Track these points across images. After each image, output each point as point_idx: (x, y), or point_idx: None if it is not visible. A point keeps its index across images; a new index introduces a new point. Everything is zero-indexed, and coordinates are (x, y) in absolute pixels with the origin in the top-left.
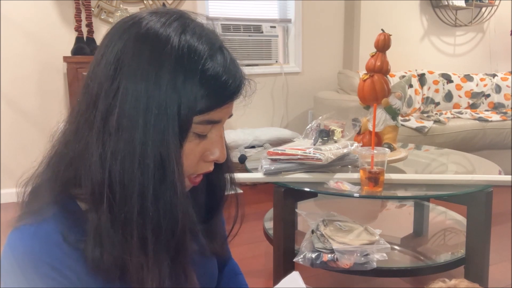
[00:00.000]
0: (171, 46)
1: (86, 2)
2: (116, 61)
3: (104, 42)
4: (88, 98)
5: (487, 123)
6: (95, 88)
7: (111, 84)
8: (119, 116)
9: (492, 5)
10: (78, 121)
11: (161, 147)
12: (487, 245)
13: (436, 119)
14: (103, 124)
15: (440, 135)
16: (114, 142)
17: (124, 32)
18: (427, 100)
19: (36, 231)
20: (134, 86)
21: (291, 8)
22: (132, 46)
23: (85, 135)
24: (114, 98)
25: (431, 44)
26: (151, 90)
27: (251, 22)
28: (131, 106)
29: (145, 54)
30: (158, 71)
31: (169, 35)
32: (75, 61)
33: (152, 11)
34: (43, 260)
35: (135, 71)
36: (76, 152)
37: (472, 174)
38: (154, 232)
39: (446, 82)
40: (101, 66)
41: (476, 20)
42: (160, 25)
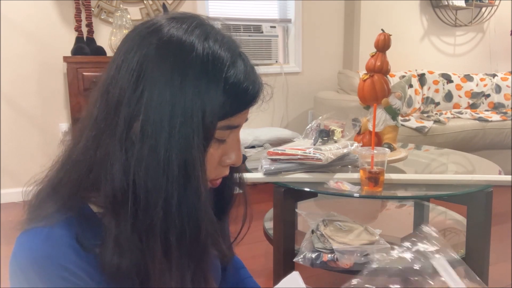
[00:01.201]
0: (195, 54)
1: (86, 2)
2: (139, 67)
3: (123, 48)
4: (108, 104)
5: (487, 123)
6: (116, 95)
7: (134, 91)
8: (143, 123)
9: (492, 5)
10: (98, 127)
11: (186, 154)
12: (487, 245)
13: (436, 119)
14: (127, 131)
15: (440, 135)
16: (139, 149)
17: (144, 39)
18: (427, 100)
19: (49, 234)
20: (159, 93)
21: (291, 8)
22: (155, 53)
23: (106, 142)
24: (137, 104)
25: (431, 44)
26: (176, 97)
27: (251, 22)
28: (156, 112)
29: (169, 61)
30: (182, 78)
31: (193, 42)
32: (75, 61)
33: (170, 17)
34: (57, 262)
35: (159, 77)
36: (97, 159)
37: (472, 174)
38: (178, 238)
39: (446, 82)
40: (122, 73)
41: (476, 20)
42: (183, 32)
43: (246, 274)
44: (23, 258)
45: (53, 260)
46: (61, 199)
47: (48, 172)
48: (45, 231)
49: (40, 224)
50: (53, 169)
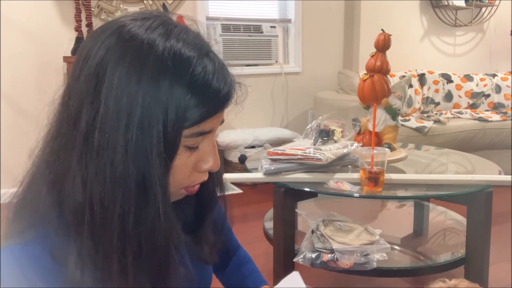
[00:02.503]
0: (154, 54)
1: (86, 2)
2: (96, 75)
3: (82, 55)
4: (68, 116)
5: (487, 123)
6: (75, 106)
7: (92, 101)
8: (100, 135)
9: (492, 5)
10: (59, 141)
11: (144, 168)
12: (487, 245)
13: (436, 119)
14: (85, 145)
15: (440, 135)
16: (96, 164)
17: (103, 42)
18: (427, 100)
19: (23, 251)
20: (115, 102)
21: (291, 8)
22: (113, 57)
23: (67, 156)
24: (95, 116)
25: (431, 44)
26: (132, 104)
27: (251, 22)
28: (112, 125)
29: (126, 64)
30: (139, 83)
31: (153, 41)
32: None
33: (134, 16)
34: (32, 282)
35: (116, 83)
36: (58, 173)
37: (472, 174)
38: (135, 257)
39: (446, 82)
40: (80, 81)
41: (476, 20)
42: (144, 31)
43: (250, 269)
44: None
45: (28, 279)
46: (34, 215)
47: (19, 187)
48: (19, 248)
49: (14, 241)
50: (23, 184)
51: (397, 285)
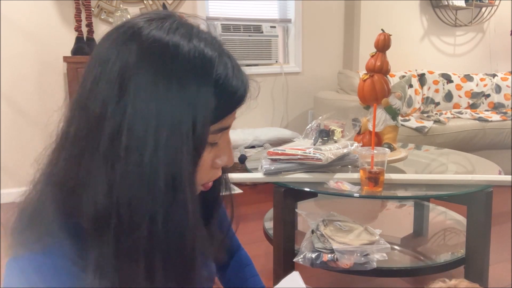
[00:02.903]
0: (181, 56)
1: (86, 2)
2: (120, 78)
3: (99, 58)
4: (89, 120)
5: (487, 123)
6: (97, 110)
7: (117, 104)
8: (128, 138)
9: (492, 5)
10: (78, 146)
11: (174, 168)
12: (487, 245)
13: (436, 119)
14: (111, 147)
15: (440, 135)
16: (123, 166)
17: (123, 45)
18: (427, 100)
19: (42, 261)
20: (143, 104)
21: (291, 8)
22: (137, 60)
23: (88, 161)
24: (121, 119)
25: (431, 44)
26: (162, 106)
27: (251, 22)
28: (141, 126)
29: (153, 67)
30: (168, 85)
31: (177, 43)
32: (75, 61)
33: (147, 18)
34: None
35: (143, 86)
36: (79, 179)
37: (472, 174)
38: (163, 259)
39: (446, 82)
40: (102, 85)
41: (476, 20)
42: (165, 33)
43: (251, 272)
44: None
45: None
46: (49, 221)
47: (28, 195)
48: (38, 258)
49: (31, 249)
50: (35, 191)
51: (397, 285)
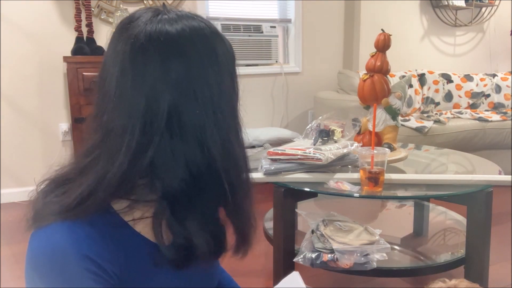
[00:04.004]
0: (224, 51)
1: (86, 2)
2: (186, 70)
3: (168, 55)
4: (158, 108)
5: (487, 123)
6: (153, 94)
7: (179, 90)
8: (188, 118)
9: (492, 5)
10: (161, 131)
11: (234, 135)
12: (487, 245)
13: (436, 119)
14: (169, 127)
15: (440, 135)
16: (190, 140)
17: (190, 45)
18: (427, 100)
19: (70, 226)
20: (207, 90)
21: (291, 8)
22: (197, 56)
23: (174, 141)
24: (185, 102)
25: (431, 44)
26: (220, 91)
27: (251, 22)
28: (205, 106)
29: (209, 60)
30: (219, 74)
31: (223, 39)
32: (75, 61)
33: (189, 13)
34: (80, 253)
35: (204, 76)
36: (161, 157)
37: (472, 174)
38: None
39: (446, 82)
40: (155, 72)
41: (476, 20)
42: (213, 34)
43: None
44: (43, 252)
45: (76, 250)
46: (90, 203)
47: (64, 170)
48: (66, 224)
49: (59, 219)
50: (74, 170)
51: (397, 285)
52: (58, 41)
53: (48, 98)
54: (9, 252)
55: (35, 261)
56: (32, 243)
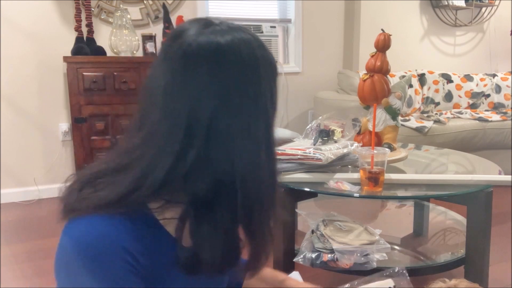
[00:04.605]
0: (270, 63)
1: (86, 2)
2: (245, 79)
3: (216, 65)
4: (201, 115)
5: (487, 123)
6: (199, 100)
7: (229, 97)
8: (234, 122)
9: (492, 5)
10: (212, 136)
11: (270, 140)
12: (487, 245)
13: (436, 119)
14: (211, 131)
15: (440, 135)
16: (238, 145)
17: (236, 57)
18: (427, 100)
19: (112, 220)
20: (260, 97)
21: (291, 8)
22: (243, 68)
23: (214, 147)
24: (237, 108)
25: (431, 44)
26: (266, 99)
27: (251, 22)
28: (255, 113)
29: (260, 72)
30: (269, 83)
31: (269, 54)
32: (75, 61)
33: (249, 36)
34: (119, 244)
35: (253, 86)
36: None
37: (472, 174)
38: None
39: (446, 82)
40: (205, 80)
41: (476, 20)
42: (260, 49)
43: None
44: (84, 241)
45: (115, 241)
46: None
47: (101, 166)
48: (107, 217)
49: (98, 211)
50: (113, 162)
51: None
52: (58, 41)
53: (48, 98)
54: (9, 252)
55: (75, 249)
56: (70, 232)
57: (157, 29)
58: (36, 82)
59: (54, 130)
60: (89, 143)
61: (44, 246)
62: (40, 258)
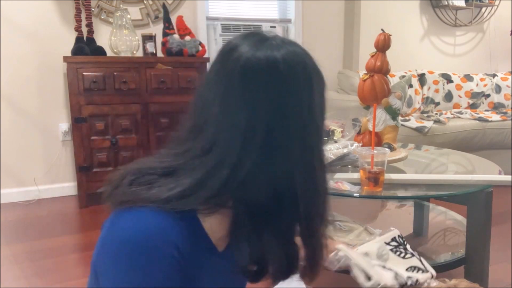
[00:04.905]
0: (320, 75)
1: (86, 2)
2: (285, 100)
3: (272, 78)
4: (257, 127)
5: (487, 123)
6: (258, 115)
7: (284, 110)
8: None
9: (492, 5)
10: (272, 150)
11: (320, 151)
12: (487, 245)
13: (436, 119)
14: (268, 141)
15: (440, 135)
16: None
17: (291, 71)
18: (427, 100)
19: (163, 214)
20: (312, 110)
21: (291, 8)
22: (297, 81)
23: (276, 161)
24: (290, 121)
25: (431, 44)
26: (315, 113)
27: (251, 22)
28: (314, 130)
29: (310, 86)
30: (319, 96)
31: (319, 70)
32: (75, 61)
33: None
34: (170, 239)
35: (305, 99)
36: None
37: (472, 174)
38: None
39: (446, 82)
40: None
41: (476, 20)
42: (312, 64)
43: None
44: (134, 232)
45: (166, 235)
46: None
47: (153, 164)
48: (158, 211)
49: (152, 204)
50: (166, 163)
51: None
52: (58, 41)
53: (48, 98)
54: (9, 252)
55: (124, 239)
56: (120, 224)
57: (157, 29)
58: (36, 82)
59: (54, 130)
60: (89, 143)
61: (44, 246)
62: (40, 258)
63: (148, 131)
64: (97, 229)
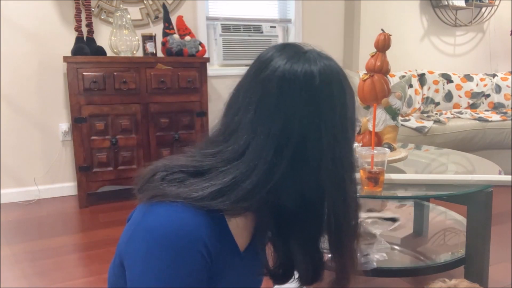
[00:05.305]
0: (351, 91)
1: (86, 2)
2: (319, 112)
3: (307, 90)
4: (290, 136)
5: (487, 123)
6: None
7: (318, 119)
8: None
9: (492, 5)
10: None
11: (352, 161)
12: (487, 245)
13: (436, 119)
14: (301, 151)
15: (440, 135)
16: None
17: (326, 85)
18: (427, 100)
19: (194, 211)
20: (346, 120)
21: (291, 8)
22: (331, 96)
23: (308, 170)
24: (328, 130)
25: (431, 44)
26: (348, 124)
27: (251, 22)
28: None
29: (341, 101)
30: (350, 110)
31: (349, 84)
32: (75, 61)
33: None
34: (201, 238)
35: (339, 111)
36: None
37: (472, 174)
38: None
39: (446, 82)
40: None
41: (476, 20)
42: (345, 75)
43: None
44: (166, 226)
45: (197, 232)
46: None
47: (185, 162)
48: (191, 208)
49: (185, 201)
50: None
51: (397, 285)
52: (58, 41)
53: (48, 98)
54: (9, 252)
55: (156, 231)
56: (152, 215)
57: (157, 29)
58: (36, 82)
59: (54, 130)
60: (89, 143)
61: (44, 246)
62: (40, 258)
63: (148, 131)
64: (97, 229)
